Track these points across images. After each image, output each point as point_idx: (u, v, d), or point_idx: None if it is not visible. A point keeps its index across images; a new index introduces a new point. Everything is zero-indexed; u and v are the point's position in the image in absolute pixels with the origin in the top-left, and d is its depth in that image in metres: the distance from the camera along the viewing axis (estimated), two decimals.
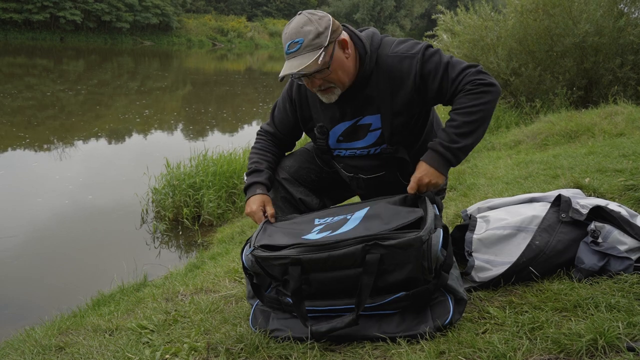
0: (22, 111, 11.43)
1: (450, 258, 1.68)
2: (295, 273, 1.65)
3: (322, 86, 1.88)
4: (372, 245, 1.58)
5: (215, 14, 51.54)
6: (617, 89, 7.56)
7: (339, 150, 2.10)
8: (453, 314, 1.64)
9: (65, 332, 2.20)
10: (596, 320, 1.49)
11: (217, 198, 5.61)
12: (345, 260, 1.61)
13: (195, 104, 14.65)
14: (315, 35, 1.77)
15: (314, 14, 1.83)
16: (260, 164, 2.10)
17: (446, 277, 1.65)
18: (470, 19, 9.32)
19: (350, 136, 2.03)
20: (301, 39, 1.77)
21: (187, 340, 1.82)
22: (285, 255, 1.66)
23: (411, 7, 62.35)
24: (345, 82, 1.90)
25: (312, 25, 1.78)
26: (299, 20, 1.81)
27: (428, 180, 1.82)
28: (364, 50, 1.91)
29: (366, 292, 1.60)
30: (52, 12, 35.37)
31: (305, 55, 1.77)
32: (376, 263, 1.58)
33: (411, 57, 1.87)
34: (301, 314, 1.67)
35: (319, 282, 1.67)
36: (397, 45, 1.92)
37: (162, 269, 4.05)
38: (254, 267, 1.76)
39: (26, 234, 5.04)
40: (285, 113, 2.14)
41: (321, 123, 2.05)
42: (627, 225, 1.86)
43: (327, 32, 1.79)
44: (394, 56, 1.90)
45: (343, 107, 1.98)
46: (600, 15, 7.70)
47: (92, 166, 7.70)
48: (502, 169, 4.33)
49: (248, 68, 29.53)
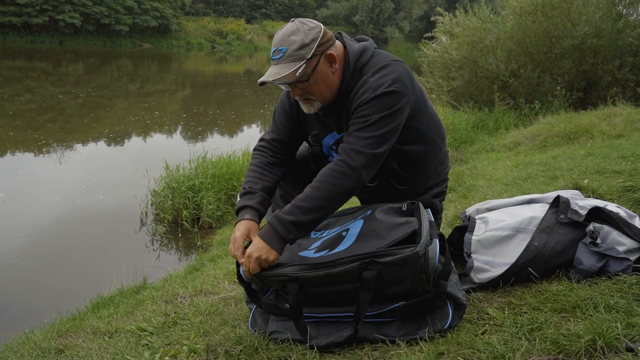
0: (21, 114, 11.43)
1: (448, 265, 1.68)
2: (294, 289, 1.66)
3: (302, 96, 1.87)
4: (369, 263, 1.59)
5: (214, 16, 51.63)
6: (616, 90, 7.58)
7: (332, 158, 2.09)
8: (452, 318, 1.65)
9: (64, 335, 2.20)
10: (595, 321, 1.49)
11: (216, 200, 5.60)
12: (343, 277, 1.62)
13: (194, 106, 14.66)
14: (299, 46, 1.75)
15: (306, 23, 1.80)
16: (255, 184, 1.96)
17: (445, 285, 1.65)
18: (469, 20, 9.35)
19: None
20: (285, 48, 1.76)
21: (187, 342, 1.82)
22: (283, 274, 1.67)
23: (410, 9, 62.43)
24: (327, 96, 1.88)
25: (299, 35, 1.76)
26: (288, 28, 1.79)
27: (257, 255, 1.67)
28: (347, 67, 1.88)
29: (364, 307, 1.61)
30: (51, 15, 35.40)
31: (285, 65, 1.76)
32: (373, 279, 1.58)
33: (367, 89, 1.80)
34: (300, 327, 1.68)
35: (318, 295, 1.69)
36: (375, 72, 1.84)
37: (162, 271, 4.04)
38: (252, 279, 1.76)
39: (26, 237, 5.04)
40: (286, 115, 2.11)
41: (315, 131, 2.05)
42: (626, 226, 1.87)
43: (313, 44, 1.77)
44: (364, 80, 1.83)
45: (328, 119, 1.97)
46: (599, 17, 7.73)
47: (92, 169, 7.70)
48: (501, 171, 4.34)
49: (247, 70, 29.57)
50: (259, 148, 2.10)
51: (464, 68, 9.22)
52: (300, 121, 2.09)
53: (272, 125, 2.13)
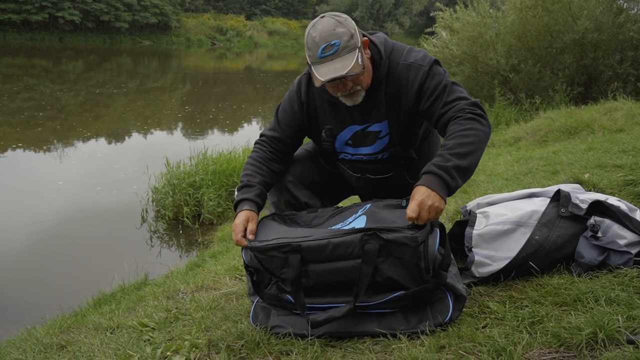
0: (21, 112, 11.43)
1: (448, 256, 1.69)
2: (295, 262, 1.66)
3: (352, 89, 1.84)
4: (371, 236, 1.61)
5: (214, 13, 51.49)
6: (617, 85, 7.56)
7: (344, 154, 2.08)
8: (453, 310, 1.65)
9: (66, 331, 2.21)
10: (596, 314, 1.50)
11: (217, 196, 5.61)
12: (344, 249, 1.62)
13: (194, 103, 14.65)
14: (349, 36, 1.75)
15: (339, 15, 1.80)
16: (253, 178, 1.96)
17: (445, 275, 1.66)
18: (469, 16, 9.31)
19: (359, 141, 2.02)
20: (337, 41, 1.74)
21: (188, 337, 1.82)
22: (286, 243, 1.67)
23: (410, 4, 62.26)
24: (369, 83, 1.87)
25: (342, 27, 1.76)
26: (327, 23, 1.77)
27: (431, 203, 1.61)
28: (378, 55, 1.90)
29: (364, 281, 1.61)
30: (51, 12, 35.36)
31: (344, 57, 1.74)
32: (375, 253, 1.60)
33: (418, 68, 1.86)
34: (300, 304, 1.68)
35: (318, 274, 1.68)
36: (407, 53, 1.91)
37: (163, 267, 4.05)
38: (252, 261, 1.76)
39: (27, 234, 5.05)
40: (293, 115, 2.06)
41: (330, 126, 2.02)
42: (627, 220, 1.87)
43: (356, 32, 1.78)
44: (403, 64, 1.88)
45: (352, 111, 1.95)
46: (600, 11, 7.70)
47: (92, 166, 7.70)
48: (502, 166, 4.33)
49: (247, 67, 29.52)
50: (259, 142, 2.09)
51: (465, 63, 9.20)
52: (310, 118, 2.05)
53: (273, 122, 2.10)
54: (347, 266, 1.64)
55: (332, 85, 1.82)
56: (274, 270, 1.74)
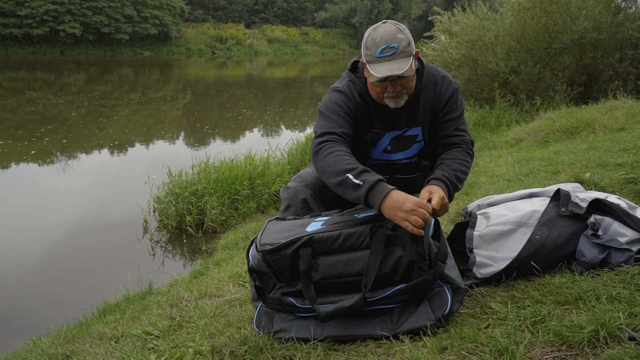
0: (24, 125, 11.49)
1: (444, 248, 1.75)
2: (306, 254, 1.72)
3: (400, 91, 2.00)
4: (380, 226, 1.72)
5: (213, 22, 51.74)
6: (617, 84, 7.56)
7: (379, 160, 2.22)
8: (452, 303, 1.67)
9: (71, 341, 2.22)
10: (597, 312, 1.50)
11: (220, 205, 5.61)
12: (355, 239, 1.71)
13: (196, 112, 14.69)
14: (407, 43, 1.94)
15: (399, 24, 1.99)
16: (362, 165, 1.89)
17: (442, 266, 1.70)
18: (467, 19, 9.34)
19: (397, 146, 2.19)
20: (397, 45, 1.92)
21: (192, 344, 1.83)
22: (298, 237, 1.73)
23: (408, 9, 62.42)
24: (413, 89, 2.08)
25: (403, 34, 1.95)
26: (389, 28, 1.96)
27: (446, 202, 1.86)
28: (421, 65, 2.12)
29: (372, 270, 1.67)
30: (52, 25, 35.59)
31: (401, 60, 1.92)
32: (383, 242, 1.69)
33: (450, 82, 2.16)
34: (310, 296, 1.72)
35: (328, 267, 1.72)
36: (437, 68, 2.20)
37: (167, 276, 4.06)
38: (260, 265, 1.79)
39: (32, 246, 5.06)
40: (349, 114, 2.07)
41: (376, 129, 2.15)
42: (627, 217, 1.87)
43: (412, 42, 1.98)
44: (438, 75, 2.16)
45: (397, 115, 2.12)
46: (598, 11, 7.71)
47: (96, 177, 7.73)
48: (503, 167, 4.34)
49: (248, 75, 29.62)
50: (332, 139, 1.98)
51: (464, 66, 9.21)
52: (362, 120, 2.14)
53: (332, 121, 2.04)
54: (356, 257, 1.71)
55: (382, 85, 1.98)
56: (280, 272, 1.77)
